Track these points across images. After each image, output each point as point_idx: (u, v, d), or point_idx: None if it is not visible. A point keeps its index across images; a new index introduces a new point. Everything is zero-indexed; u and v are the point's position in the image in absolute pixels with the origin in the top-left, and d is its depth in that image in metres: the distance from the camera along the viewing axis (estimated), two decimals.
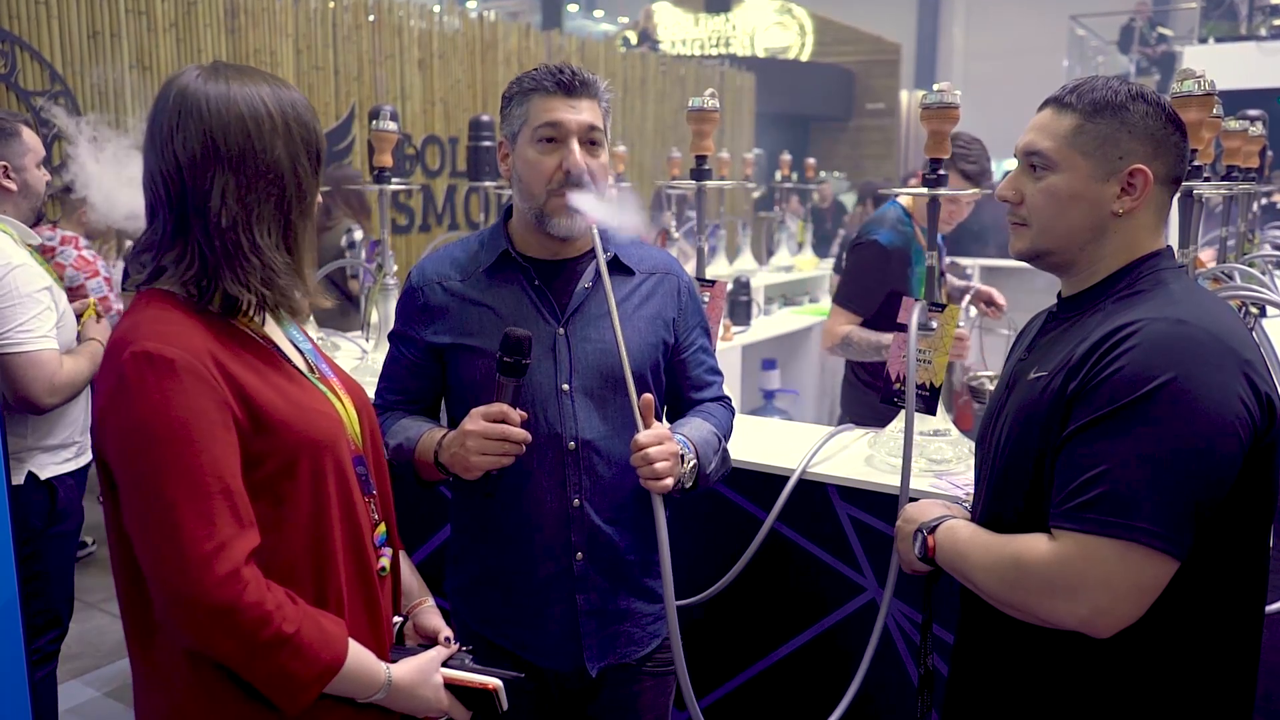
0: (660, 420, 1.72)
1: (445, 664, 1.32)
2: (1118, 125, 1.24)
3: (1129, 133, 1.23)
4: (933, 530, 1.36)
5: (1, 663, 1.91)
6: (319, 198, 1.28)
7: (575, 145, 1.53)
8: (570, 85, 1.54)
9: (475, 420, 1.46)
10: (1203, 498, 1.11)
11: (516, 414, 1.46)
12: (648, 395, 1.49)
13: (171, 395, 1.08)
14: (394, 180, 2.71)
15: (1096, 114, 1.24)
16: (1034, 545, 1.17)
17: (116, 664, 3.33)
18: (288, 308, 1.23)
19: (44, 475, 2.37)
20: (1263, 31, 9.97)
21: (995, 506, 1.32)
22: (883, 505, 1.97)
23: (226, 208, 1.15)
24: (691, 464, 1.55)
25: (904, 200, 2.93)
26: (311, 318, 2.30)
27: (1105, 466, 1.11)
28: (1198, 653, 1.20)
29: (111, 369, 1.11)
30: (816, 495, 2.07)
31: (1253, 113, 2.98)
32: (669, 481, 1.46)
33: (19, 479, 2.32)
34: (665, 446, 1.47)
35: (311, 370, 1.28)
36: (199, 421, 1.09)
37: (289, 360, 1.25)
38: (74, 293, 3.10)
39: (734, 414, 1.79)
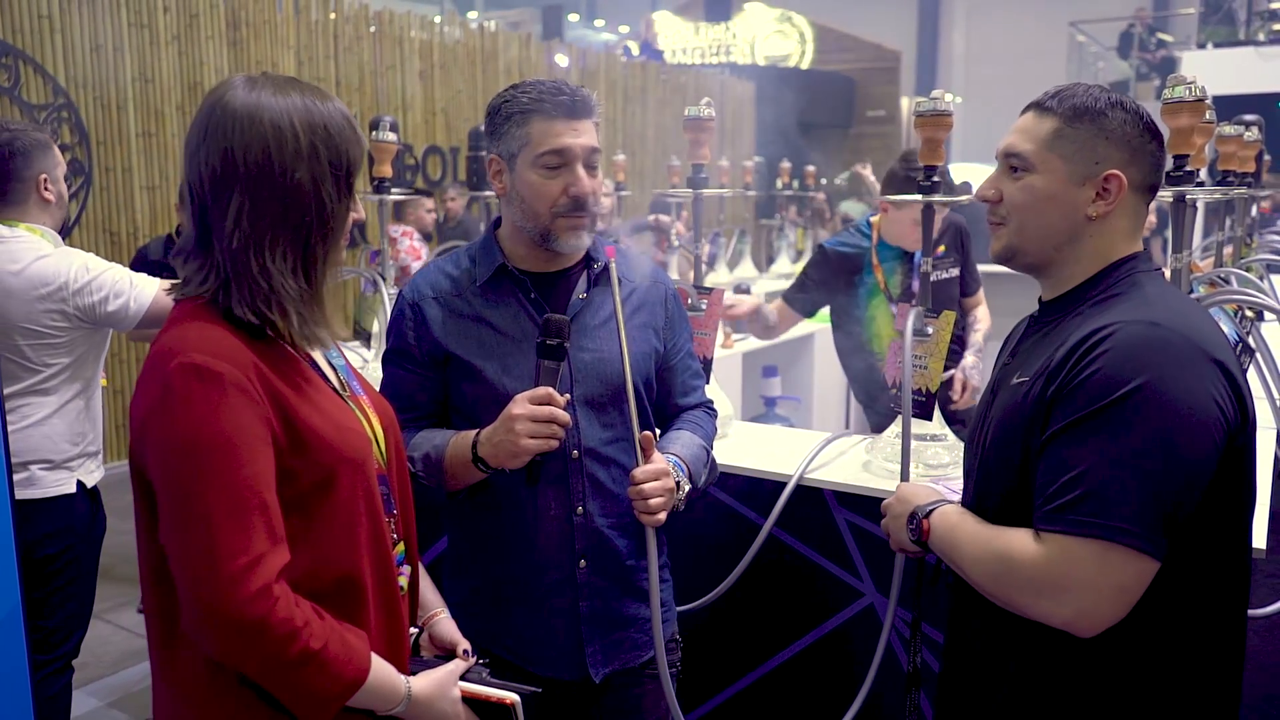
0: (652, 427, 1.73)
1: (463, 677, 1.32)
2: (1095, 131, 1.26)
3: (1106, 139, 1.26)
4: (927, 515, 1.36)
5: (4, 674, 1.92)
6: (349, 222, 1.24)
7: (581, 171, 1.55)
8: (572, 107, 1.54)
9: (521, 404, 1.47)
10: (1179, 498, 1.12)
11: (560, 396, 1.48)
12: (647, 433, 1.52)
13: (218, 409, 1.08)
14: (395, 190, 2.73)
15: (1076, 119, 1.27)
16: (1021, 543, 1.19)
17: (120, 674, 3.35)
18: (305, 337, 1.20)
19: (90, 482, 2.40)
20: (1261, 36, 9.98)
21: (977, 507, 1.33)
22: (880, 510, 1.97)
23: (240, 228, 1.14)
24: (686, 489, 1.58)
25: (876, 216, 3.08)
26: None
27: (1083, 469, 1.13)
28: (1182, 652, 1.21)
29: (156, 379, 1.11)
30: (814, 501, 2.08)
31: (1248, 117, 2.99)
32: (662, 516, 1.51)
33: (71, 488, 2.34)
34: (662, 483, 1.50)
35: (343, 388, 1.29)
36: (242, 436, 1.09)
37: (324, 377, 1.25)
38: (405, 272, 4.03)
39: (716, 415, 1.83)
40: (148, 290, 2.31)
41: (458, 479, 1.57)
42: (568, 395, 1.52)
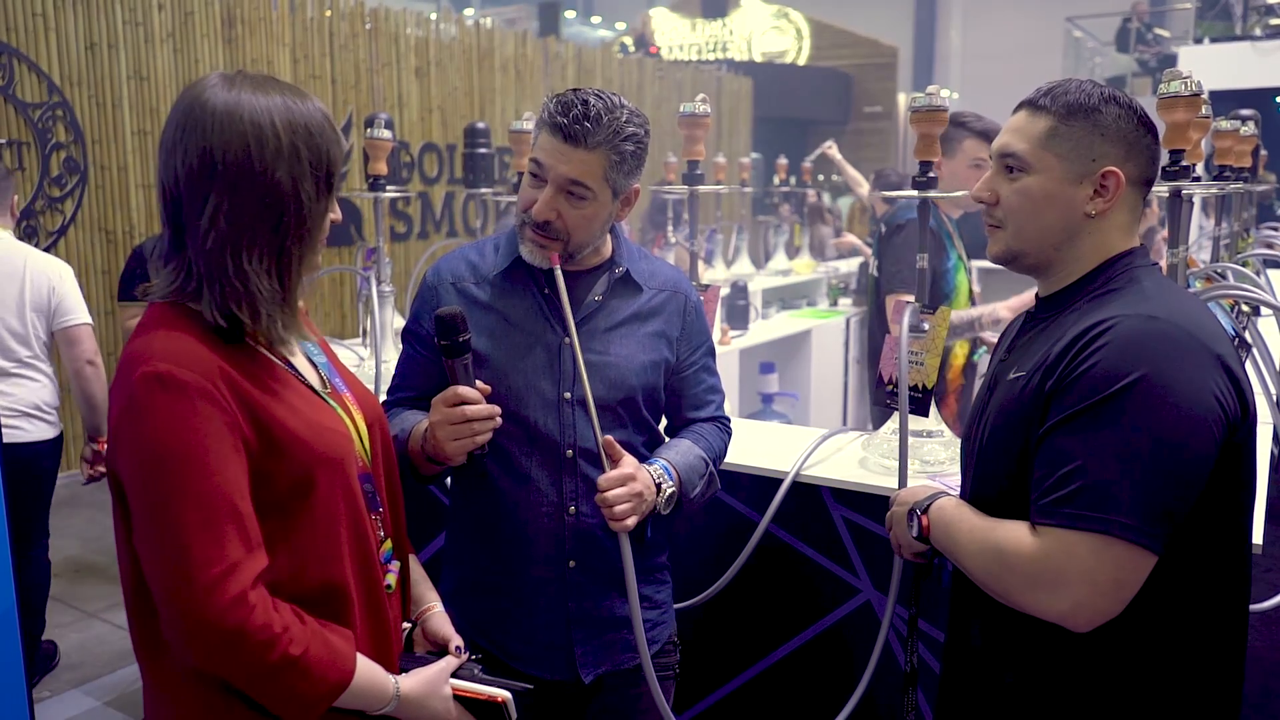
0: (661, 435, 1.73)
1: (454, 674, 1.31)
2: (1091, 128, 1.25)
3: (1102, 135, 1.25)
4: (925, 510, 1.36)
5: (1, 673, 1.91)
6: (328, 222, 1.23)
7: (548, 194, 1.52)
8: (569, 132, 1.49)
9: (437, 410, 1.47)
10: (1178, 492, 1.12)
11: (473, 391, 1.46)
12: (609, 437, 1.51)
13: (183, 417, 1.07)
14: (390, 188, 2.72)
15: (1070, 117, 1.26)
16: (1016, 536, 1.18)
17: (117, 673, 3.34)
18: (272, 338, 1.19)
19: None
20: (1257, 31, 9.99)
21: (975, 503, 1.32)
22: (876, 507, 1.97)
23: (216, 229, 1.12)
24: (670, 492, 1.57)
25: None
26: None
27: (1081, 462, 1.12)
28: (1184, 650, 1.20)
29: (124, 388, 1.10)
30: (810, 497, 2.07)
31: (1244, 112, 3.00)
32: (630, 522, 1.49)
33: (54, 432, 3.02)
34: (627, 488, 1.49)
35: (324, 385, 1.28)
36: (210, 444, 1.08)
37: (301, 376, 1.24)
38: None
39: (730, 434, 1.79)
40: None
41: (423, 467, 1.57)
42: (488, 388, 1.49)
